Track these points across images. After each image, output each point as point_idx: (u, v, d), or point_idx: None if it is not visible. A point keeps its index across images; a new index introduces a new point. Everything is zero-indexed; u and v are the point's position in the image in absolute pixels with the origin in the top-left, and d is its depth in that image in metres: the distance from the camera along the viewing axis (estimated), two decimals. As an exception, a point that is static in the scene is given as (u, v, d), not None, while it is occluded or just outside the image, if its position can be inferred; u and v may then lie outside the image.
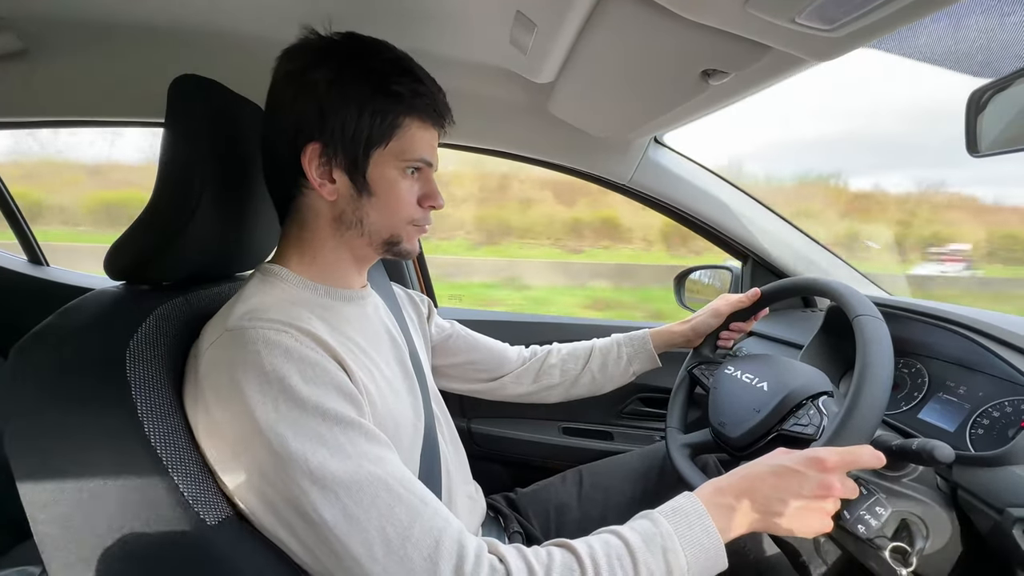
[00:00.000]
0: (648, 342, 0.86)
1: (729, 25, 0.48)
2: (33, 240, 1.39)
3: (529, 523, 0.80)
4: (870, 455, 0.50)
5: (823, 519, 0.49)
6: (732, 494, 0.50)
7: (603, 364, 0.86)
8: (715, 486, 0.51)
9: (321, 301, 0.56)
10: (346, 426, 0.45)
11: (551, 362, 0.87)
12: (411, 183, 0.57)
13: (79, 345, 0.48)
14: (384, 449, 0.47)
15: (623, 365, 0.86)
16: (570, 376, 0.86)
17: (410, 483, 0.45)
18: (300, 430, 0.43)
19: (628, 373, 0.87)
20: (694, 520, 0.48)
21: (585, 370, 0.86)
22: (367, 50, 0.54)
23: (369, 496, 0.43)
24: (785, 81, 0.61)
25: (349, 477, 0.43)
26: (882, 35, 0.43)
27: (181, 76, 0.55)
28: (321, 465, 0.43)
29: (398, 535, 0.42)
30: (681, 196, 1.07)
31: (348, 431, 0.45)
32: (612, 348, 0.87)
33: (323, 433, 0.44)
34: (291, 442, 0.43)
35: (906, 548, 0.56)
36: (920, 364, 0.75)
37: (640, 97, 0.75)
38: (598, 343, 0.89)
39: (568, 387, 0.87)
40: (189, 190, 0.54)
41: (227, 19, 0.84)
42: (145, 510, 0.45)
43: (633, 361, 0.86)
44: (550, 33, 0.63)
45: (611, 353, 0.87)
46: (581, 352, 0.88)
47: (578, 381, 0.86)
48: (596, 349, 0.88)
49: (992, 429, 0.61)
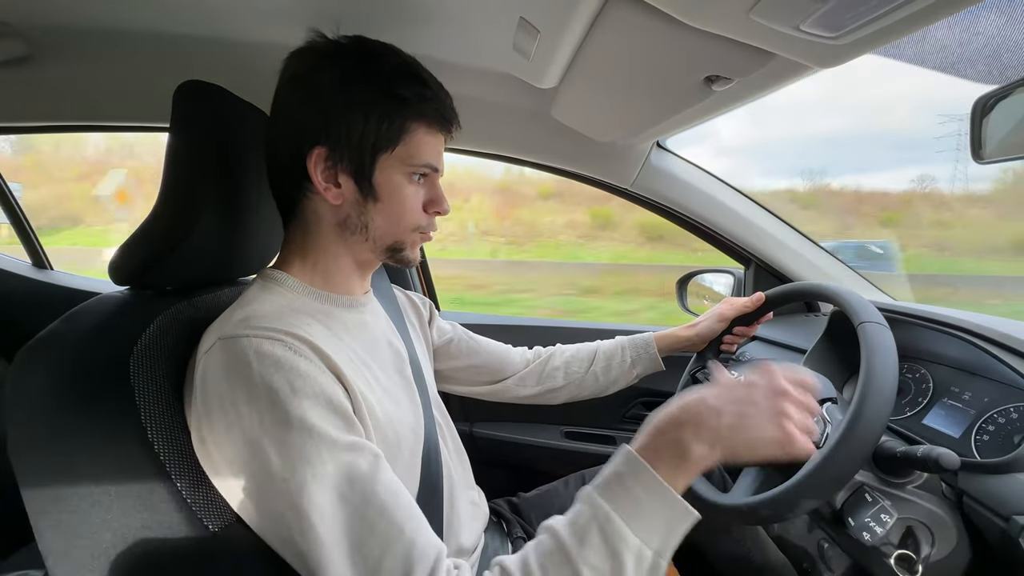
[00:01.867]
0: (652, 345, 0.86)
1: (733, 32, 0.48)
2: (38, 244, 1.40)
3: (532, 528, 0.80)
4: (813, 379, 0.48)
5: (787, 427, 0.43)
6: (674, 427, 0.43)
7: (607, 366, 0.86)
8: (653, 426, 0.45)
9: (322, 307, 0.56)
10: (331, 444, 0.44)
11: (555, 364, 0.87)
12: (417, 188, 0.57)
13: (82, 351, 0.48)
14: (370, 466, 0.45)
15: (627, 367, 0.86)
16: (574, 378, 0.86)
17: (390, 511, 0.44)
18: (283, 447, 0.43)
19: (632, 375, 0.86)
20: (632, 483, 0.41)
21: (589, 372, 0.86)
22: (374, 54, 0.54)
23: (342, 525, 0.42)
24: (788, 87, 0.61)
25: (326, 503, 0.42)
26: (888, 42, 0.43)
27: (186, 82, 0.55)
28: (300, 489, 0.42)
29: (367, 570, 0.42)
30: (684, 200, 1.07)
31: (332, 448, 0.44)
32: (616, 351, 0.87)
33: (307, 450, 0.43)
34: (273, 459, 0.42)
35: (912, 556, 0.56)
36: (924, 369, 0.75)
37: (643, 102, 0.75)
38: (602, 345, 0.89)
39: (573, 389, 0.87)
40: (193, 195, 0.54)
41: (232, 24, 0.84)
42: (148, 516, 0.45)
43: (637, 364, 0.86)
44: (553, 39, 0.63)
45: (615, 356, 0.87)
46: (585, 354, 0.88)
47: (582, 383, 0.86)
48: (600, 351, 0.87)
49: (998, 435, 0.61)
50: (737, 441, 0.42)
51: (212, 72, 0.61)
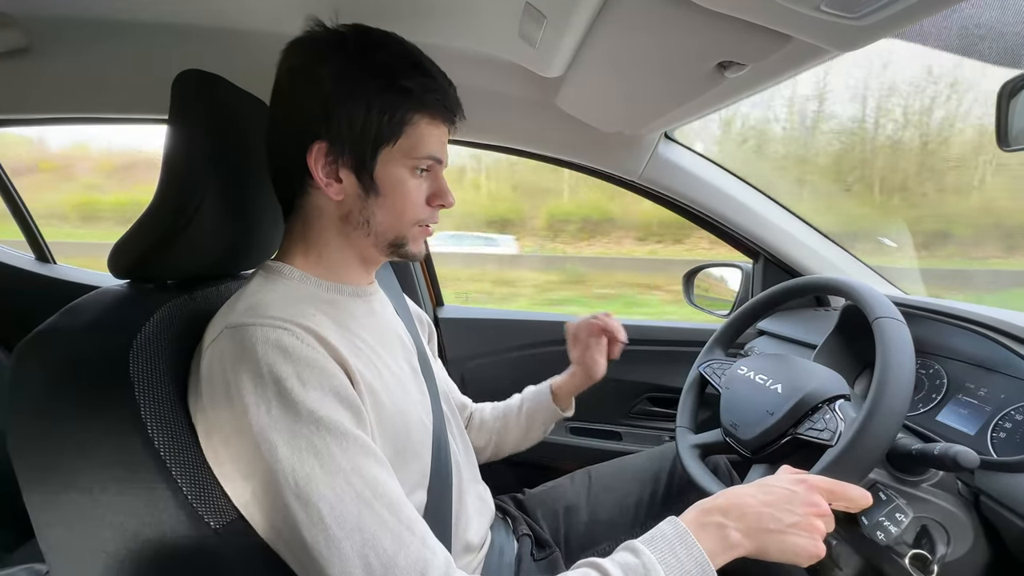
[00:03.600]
0: (547, 395, 0.83)
1: (749, 14, 0.46)
2: (40, 238, 1.40)
3: (537, 524, 0.79)
4: (860, 495, 0.48)
5: (815, 541, 0.46)
6: (719, 512, 0.47)
7: (505, 424, 0.84)
8: (700, 507, 0.49)
9: (327, 297, 0.55)
10: (340, 436, 0.44)
11: (473, 424, 0.84)
12: (419, 182, 0.55)
13: (82, 345, 0.47)
14: (377, 466, 0.45)
15: (523, 420, 0.83)
16: (485, 441, 0.84)
17: (399, 507, 0.44)
18: (291, 437, 0.42)
19: (538, 431, 0.84)
20: (677, 545, 0.45)
21: (494, 436, 0.84)
22: (375, 44, 0.53)
23: (353, 518, 0.42)
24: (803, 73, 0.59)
25: (335, 495, 0.42)
26: (912, 23, 0.41)
27: (185, 72, 0.54)
28: (308, 479, 0.41)
29: (382, 565, 0.41)
30: (692, 192, 1.05)
31: (342, 441, 0.43)
32: (514, 406, 0.84)
33: (315, 442, 0.42)
34: (280, 450, 0.42)
35: (927, 556, 0.54)
36: (939, 365, 0.73)
37: (652, 91, 0.73)
38: (509, 401, 0.86)
39: (489, 451, 0.84)
40: (193, 187, 0.53)
41: (231, 13, 0.83)
42: (148, 512, 0.44)
43: (537, 414, 0.83)
44: (560, 26, 0.61)
45: (512, 411, 0.84)
46: (501, 409, 0.85)
47: (501, 441, 0.84)
48: (503, 407, 0.85)
49: (1015, 433, 0.59)
50: (770, 541, 0.46)
51: (212, 61, 0.60)
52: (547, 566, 0.72)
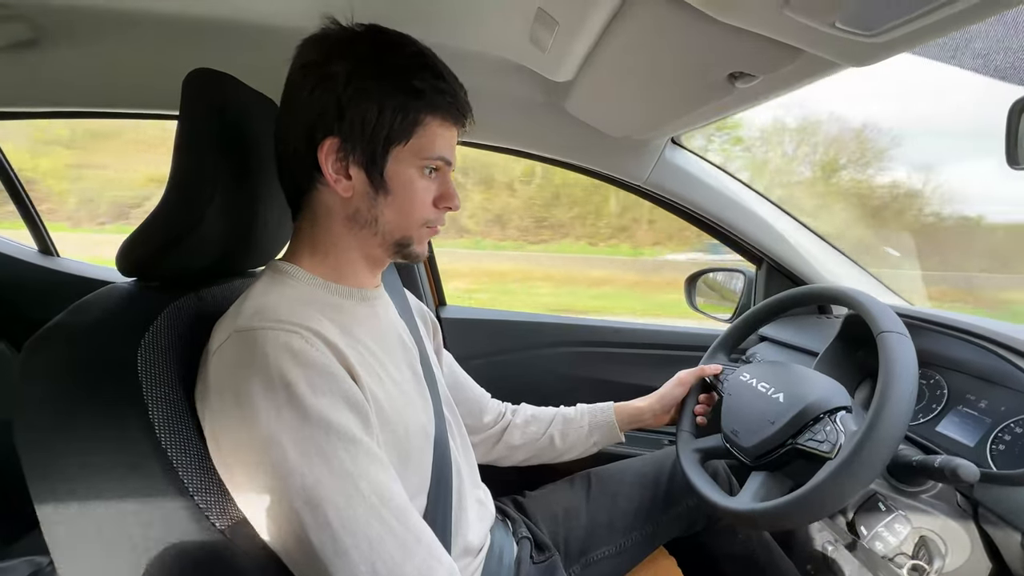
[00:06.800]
0: (611, 415, 0.84)
1: (764, 28, 0.46)
2: (44, 230, 1.39)
3: (537, 527, 0.80)
4: None
5: None
6: None
7: (564, 432, 0.84)
8: None
9: (332, 300, 0.55)
10: (349, 442, 0.44)
11: (515, 422, 0.85)
12: (428, 183, 0.56)
13: (90, 344, 0.47)
14: (384, 472, 0.45)
15: (583, 434, 0.84)
16: (531, 438, 0.84)
17: (406, 515, 0.44)
18: (301, 442, 0.42)
19: (589, 443, 0.84)
20: None
21: (545, 435, 0.84)
22: (389, 44, 0.53)
23: (362, 525, 0.42)
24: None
25: (344, 501, 0.42)
26: (927, 41, 0.41)
27: (195, 70, 0.54)
28: (317, 483, 0.41)
29: (389, 573, 0.41)
30: (697, 198, 1.05)
31: (350, 447, 0.44)
32: (575, 416, 0.85)
33: (324, 447, 0.42)
34: (290, 453, 0.42)
35: (925, 567, 0.55)
36: (939, 376, 0.73)
37: (661, 98, 0.73)
38: (563, 409, 0.87)
39: (529, 450, 0.84)
40: (202, 185, 0.53)
41: (243, 10, 0.82)
42: (154, 511, 0.44)
43: (594, 432, 0.84)
44: (572, 31, 0.61)
45: (574, 421, 0.85)
46: (545, 416, 0.86)
47: (538, 444, 0.84)
48: (559, 415, 0.86)
49: (1015, 445, 0.60)
50: None
51: (221, 58, 0.59)
52: (546, 569, 0.72)
